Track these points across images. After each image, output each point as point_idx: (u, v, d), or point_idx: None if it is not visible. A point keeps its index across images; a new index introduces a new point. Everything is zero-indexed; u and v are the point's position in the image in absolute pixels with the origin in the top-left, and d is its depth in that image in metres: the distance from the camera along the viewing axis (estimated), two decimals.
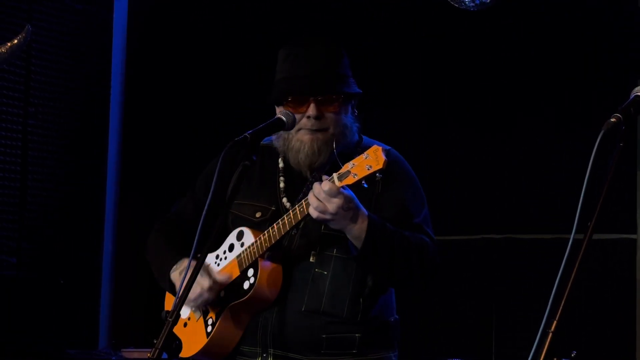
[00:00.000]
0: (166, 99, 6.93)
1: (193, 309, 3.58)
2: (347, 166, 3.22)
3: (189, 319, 3.61)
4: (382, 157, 3.14)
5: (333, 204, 3.22)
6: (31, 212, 6.50)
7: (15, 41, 5.13)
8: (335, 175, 3.24)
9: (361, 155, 3.20)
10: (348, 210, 3.25)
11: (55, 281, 6.15)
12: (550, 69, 5.99)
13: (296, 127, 3.49)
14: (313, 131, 3.50)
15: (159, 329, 3.09)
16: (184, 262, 3.53)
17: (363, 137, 3.67)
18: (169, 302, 3.76)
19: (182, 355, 3.58)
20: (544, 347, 2.66)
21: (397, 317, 3.63)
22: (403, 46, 6.27)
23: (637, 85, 3.05)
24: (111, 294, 6.85)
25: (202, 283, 3.46)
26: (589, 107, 5.75)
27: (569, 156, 5.78)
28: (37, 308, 5.93)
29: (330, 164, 3.46)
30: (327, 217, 3.25)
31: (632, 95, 2.99)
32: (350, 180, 3.20)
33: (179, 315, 3.12)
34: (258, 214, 3.57)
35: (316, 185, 3.25)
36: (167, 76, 6.92)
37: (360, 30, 6.24)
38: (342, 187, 3.21)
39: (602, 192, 2.81)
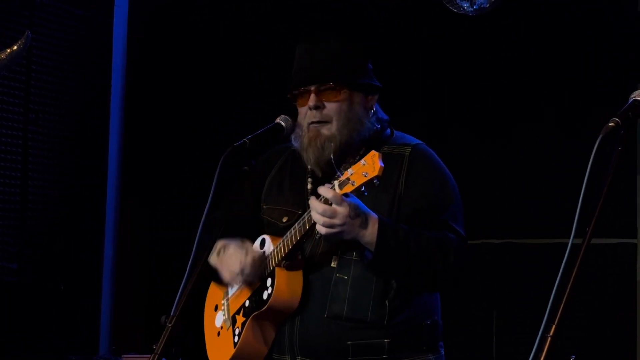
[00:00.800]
0: (166, 103, 6.93)
1: (234, 289, 3.56)
2: (347, 174, 3.15)
3: (221, 328, 3.60)
4: (378, 164, 3.07)
5: (340, 216, 3.17)
6: (32, 218, 6.50)
7: (15, 47, 5.13)
8: (336, 183, 3.18)
9: (359, 162, 3.14)
10: (356, 217, 3.20)
11: (56, 287, 6.15)
12: (549, 73, 6.00)
13: (305, 123, 3.47)
14: (316, 124, 3.45)
15: (159, 334, 3.10)
16: (219, 243, 3.50)
17: (395, 132, 3.61)
18: (212, 293, 3.73)
19: None
20: (542, 351, 2.66)
21: (435, 319, 3.50)
22: (404, 50, 6.28)
23: (636, 90, 3.06)
24: (112, 299, 6.85)
25: (240, 257, 3.45)
26: (589, 111, 5.75)
27: (569, 160, 5.78)
28: (38, 314, 5.93)
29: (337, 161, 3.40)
30: (337, 230, 3.20)
31: (631, 100, 3.00)
32: (349, 188, 3.14)
33: (177, 321, 3.12)
34: (285, 219, 3.54)
35: (315, 202, 3.21)
36: (167, 81, 6.93)
37: (361, 33, 6.23)
38: (345, 194, 3.15)
39: (601, 196, 2.82)
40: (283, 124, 3.48)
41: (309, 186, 3.52)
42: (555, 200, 5.80)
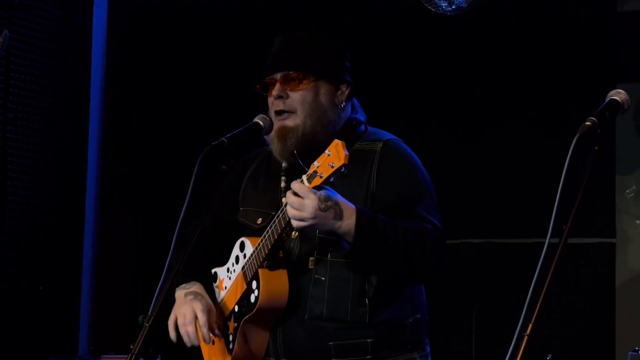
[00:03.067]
0: (146, 104, 6.93)
1: (220, 296, 3.53)
2: (314, 166, 3.11)
3: (217, 337, 3.53)
4: (343, 152, 3.01)
5: (308, 209, 3.10)
6: (11, 219, 6.48)
7: None
8: (304, 177, 3.13)
9: (324, 153, 3.08)
10: (327, 209, 3.12)
11: (35, 289, 6.13)
12: (528, 74, 6.02)
13: (272, 113, 3.43)
14: (279, 113, 3.41)
15: (138, 335, 3.09)
16: (195, 286, 3.47)
17: (369, 128, 3.56)
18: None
19: None
20: (519, 350, 2.67)
21: (419, 316, 3.45)
22: (384, 52, 6.29)
23: (613, 89, 3.08)
24: (91, 301, 6.85)
25: (184, 314, 3.42)
26: (567, 111, 5.78)
27: (548, 160, 5.80)
28: (18, 316, 5.91)
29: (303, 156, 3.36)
30: (308, 222, 3.13)
31: (608, 99, 3.00)
32: (317, 180, 3.09)
33: (155, 320, 3.10)
34: (259, 220, 3.50)
35: (288, 193, 3.16)
36: (147, 81, 6.93)
37: (338, 30, 6.24)
38: (317, 187, 3.10)
39: (578, 196, 2.82)
40: (261, 122, 3.45)
41: (282, 184, 3.48)
42: (535, 200, 5.82)
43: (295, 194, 3.13)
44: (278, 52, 3.49)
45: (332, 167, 3.06)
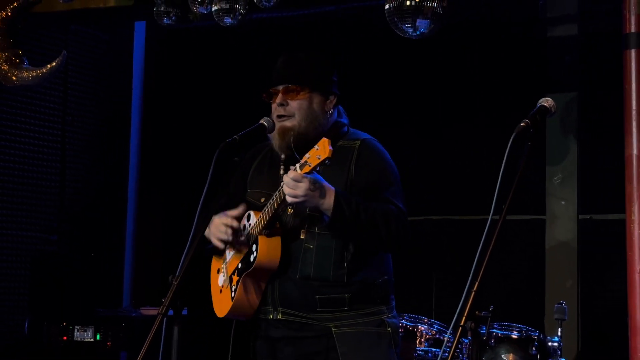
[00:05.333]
0: (176, 110, 6.91)
1: (230, 255, 3.53)
2: (305, 157, 3.17)
3: (222, 286, 3.55)
4: (328, 148, 3.09)
5: (301, 188, 3.17)
6: (68, 199, 6.50)
7: (54, 64, 5.11)
8: (297, 165, 3.19)
9: (313, 148, 3.14)
10: (315, 190, 3.18)
11: (87, 255, 6.12)
12: (476, 85, 6.01)
13: (274, 117, 3.46)
14: (280, 117, 3.45)
15: (168, 291, 3.09)
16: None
17: (351, 129, 3.58)
18: (214, 261, 3.70)
19: (218, 315, 3.53)
20: (468, 301, 2.68)
21: (386, 277, 3.47)
22: (367, 67, 6.28)
23: (542, 98, 3.09)
24: (132, 264, 6.84)
25: (223, 221, 3.41)
26: (507, 116, 5.75)
27: (492, 154, 5.77)
28: (73, 276, 5.90)
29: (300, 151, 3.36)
30: (300, 199, 3.20)
31: (538, 105, 3.02)
32: (307, 168, 3.15)
33: (182, 279, 3.11)
34: (262, 199, 3.49)
35: (285, 176, 3.21)
36: (178, 91, 6.91)
37: (328, 51, 6.21)
38: (307, 173, 3.16)
39: (515, 181, 2.83)
40: (265, 124, 3.47)
41: (282, 172, 3.47)
42: (483, 184, 5.79)
43: (291, 177, 3.18)
44: (281, 68, 3.52)
45: (319, 158, 3.12)
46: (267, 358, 3.48)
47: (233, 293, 3.46)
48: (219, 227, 3.43)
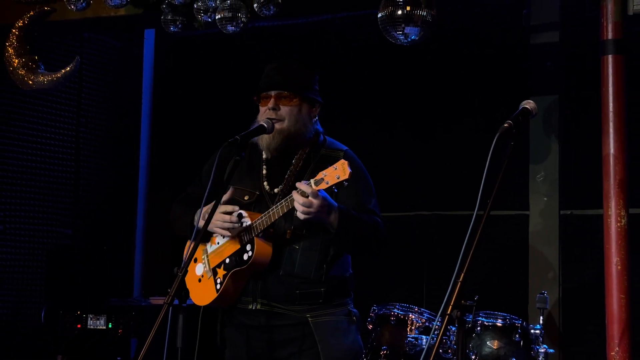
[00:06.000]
0: (183, 110, 6.90)
1: (213, 247, 3.55)
2: (321, 174, 3.22)
3: (202, 276, 3.57)
4: (348, 170, 3.16)
5: (315, 206, 3.24)
6: (83, 196, 6.49)
7: (68, 69, 5.09)
8: (312, 180, 3.24)
9: (332, 167, 3.21)
10: (324, 207, 3.27)
11: (100, 248, 6.12)
12: (466, 91, 6.00)
13: (263, 119, 3.50)
14: (270, 120, 3.49)
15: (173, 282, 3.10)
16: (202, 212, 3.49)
17: (327, 137, 3.64)
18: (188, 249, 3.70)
19: (197, 303, 3.55)
20: (454, 291, 2.68)
21: (351, 271, 3.63)
22: (357, 75, 6.27)
23: (524, 100, 3.08)
24: (142, 258, 6.83)
25: (227, 209, 3.45)
26: (493, 117, 5.72)
27: (479, 153, 5.76)
28: (87, 268, 5.90)
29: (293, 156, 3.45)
30: (311, 216, 3.27)
31: (520, 107, 3.03)
32: (323, 185, 3.21)
33: (186, 271, 3.12)
34: (246, 197, 3.54)
35: (297, 196, 3.25)
36: (185, 92, 6.90)
37: (314, 61, 6.21)
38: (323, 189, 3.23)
39: (498, 178, 2.83)
40: (265, 125, 3.49)
41: (264, 172, 3.56)
42: (470, 181, 5.79)
43: (303, 193, 3.25)
44: (272, 74, 3.57)
45: (338, 178, 3.18)
46: (243, 343, 3.54)
47: (219, 285, 3.47)
48: (223, 217, 3.45)
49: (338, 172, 3.17)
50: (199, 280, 3.57)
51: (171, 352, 3.13)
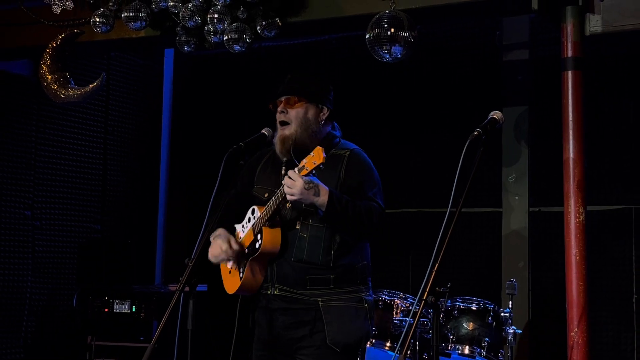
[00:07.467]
0: (200, 121, 6.90)
1: (225, 262, 3.54)
2: (302, 162, 3.21)
3: (232, 268, 3.57)
4: (322, 155, 3.13)
5: (296, 188, 3.21)
6: (110, 195, 6.50)
7: (95, 84, 5.09)
8: (296, 168, 3.23)
9: (310, 155, 3.18)
10: (309, 189, 3.22)
11: (125, 241, 6.12)
12: (445, 103, 6.00)
13: (277, 123, 3.48)
14: (281, 124, 3.48)
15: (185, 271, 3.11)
16: (218, 230, 3.51)
17: (342, 140, 3.59)
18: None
19: (228, 292, 3.56)
20: (430, 278, 2.69)
21: (365, 262, 3.51)
22: (355, 91, 6.27)
23: (493, 111, 3.08)
24: (163, 249, 6.83)
25: (221, 246, 3.45)
26: (467, 126, 5.75)
27: (457, 157, 5.77)
28: (114, 260, 5.90)
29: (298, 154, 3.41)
30: (296, 197, 3.23)
31: (489, 117, 3.03)
32: (304, 171, 3.19)
33: (196, 262, 3.12)
34: (266, 195, 3.51)
35: (285, 177, 3.25)
36: (202, 103, 6.91)
37: (325, 74, 6.18)
38: (304, 175, 3.20)
39: (469, 179, 2.84)
40: (266, 133, 3.49)
41: (283, 172, 3.50)
42: (452, 182, 5.78)
43: (290, 178, 3.23)
44: (285, 82, 3.55)
45: (315, 164, 3.17)
46: (266, 324, 3.51)
47: (241, 274, 3.46)
48: (217, 245, 3.46)
49: (314, 158, 3.15)
50: (229, 272, 3.57)
51: (183, 333, 3.15)
